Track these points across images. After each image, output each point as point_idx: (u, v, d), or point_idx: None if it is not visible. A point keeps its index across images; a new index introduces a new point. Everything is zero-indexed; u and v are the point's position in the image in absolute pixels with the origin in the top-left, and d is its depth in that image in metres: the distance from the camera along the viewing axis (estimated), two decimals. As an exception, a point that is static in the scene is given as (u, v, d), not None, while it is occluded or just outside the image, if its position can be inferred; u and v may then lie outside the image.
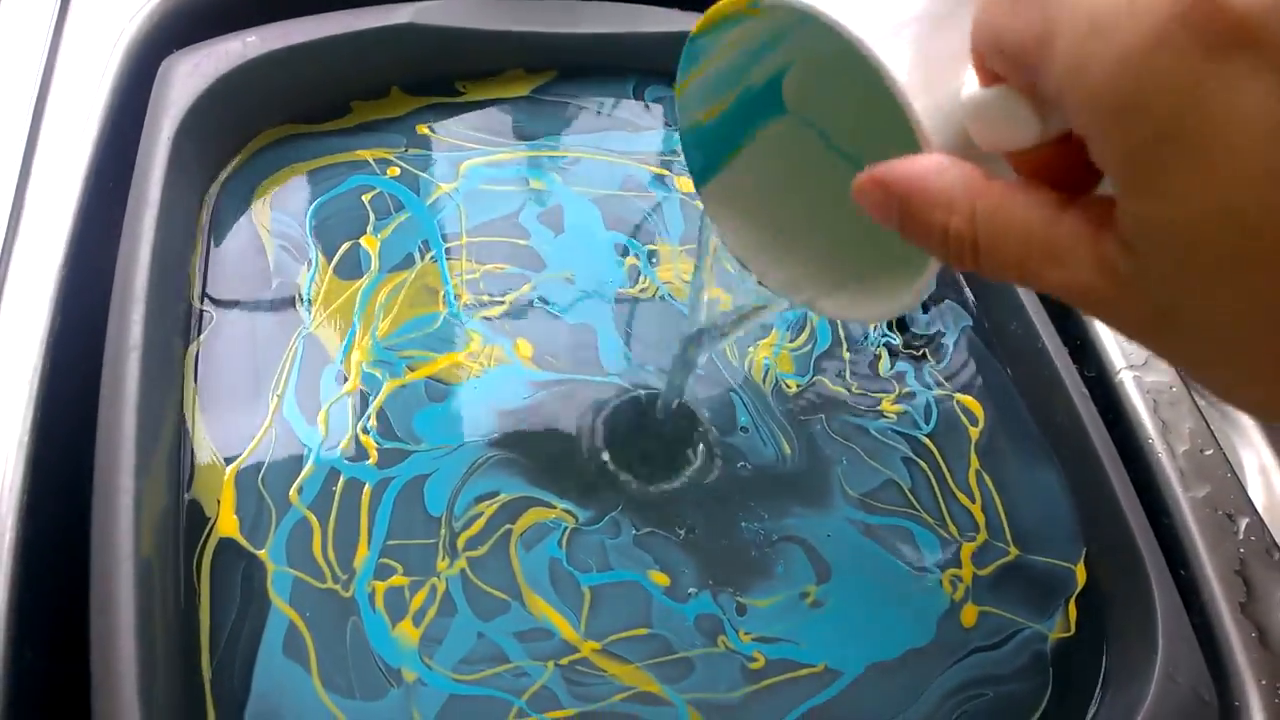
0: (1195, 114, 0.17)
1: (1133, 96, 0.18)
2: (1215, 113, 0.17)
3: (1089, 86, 0.18)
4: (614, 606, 0.40)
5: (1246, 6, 0.17)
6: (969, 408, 0.50)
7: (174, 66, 0.46)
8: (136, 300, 0.39)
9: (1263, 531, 0.46)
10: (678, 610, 0.41)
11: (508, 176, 0.51)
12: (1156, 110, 0.18)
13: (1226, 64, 0.17)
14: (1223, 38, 0.17)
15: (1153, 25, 0.17)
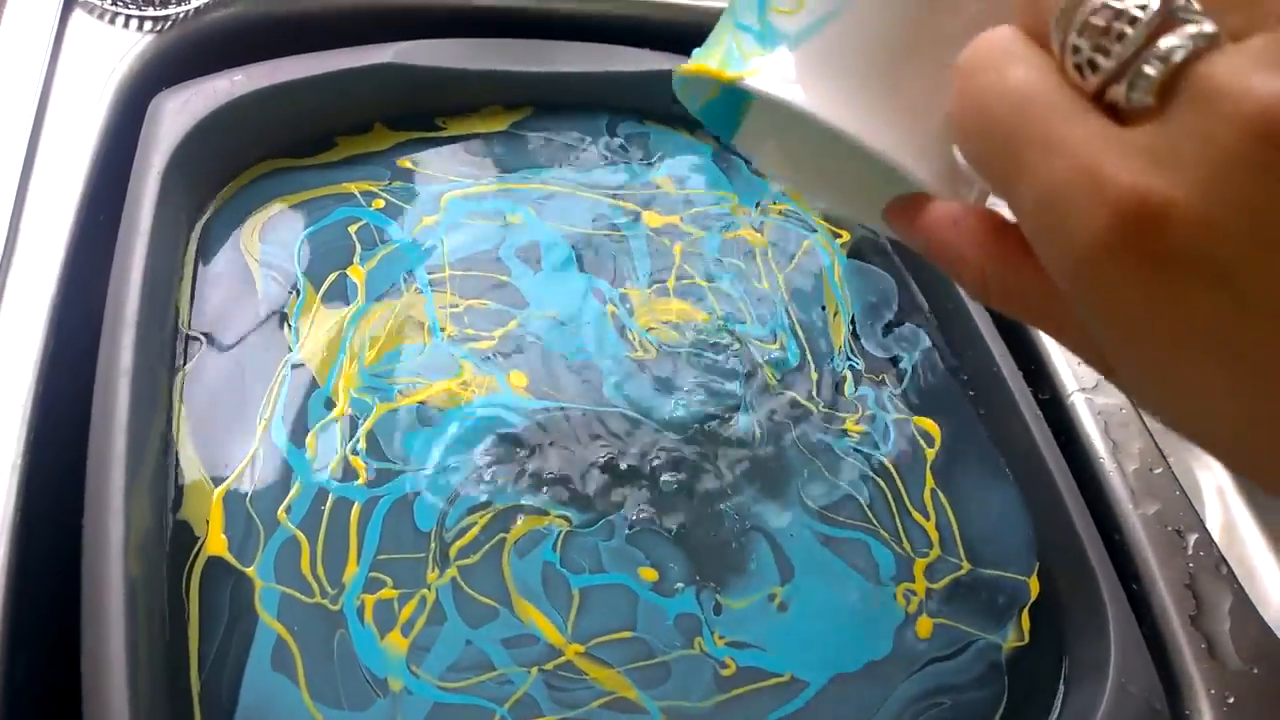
0: (1152, 321, 0.19)
1: (1089, 294, 0.19)
2: (1171, 320, 0.19)
3: (1052, 258, 0.20)
4: (602, 608, 0.42)
5: (1186, 224, 0.18)
6: (927, 430, 0.52)
7: (164, 103, 0.48)
8: (127, 327, 0.41)
9: (1211, 547, 0.49)
10: (661, 608, 0.43)
11: (487, 210, 0.53)
12: (1116, 313, 0.19)
13: (1173, 280, 0.18)
14: (1167, 254, 0.18)
15: (1094, 237, 0.19)
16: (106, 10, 0.53)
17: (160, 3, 0.54)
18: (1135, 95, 0.19)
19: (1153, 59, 0.18)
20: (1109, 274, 0.19)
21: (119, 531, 0.36)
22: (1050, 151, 0.19)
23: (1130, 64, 0.19)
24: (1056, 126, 0.19)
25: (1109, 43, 0.19)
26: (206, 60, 0.51)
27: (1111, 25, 0.19)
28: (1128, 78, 0.19)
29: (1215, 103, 0.17)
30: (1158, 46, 0.18)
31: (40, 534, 0.39)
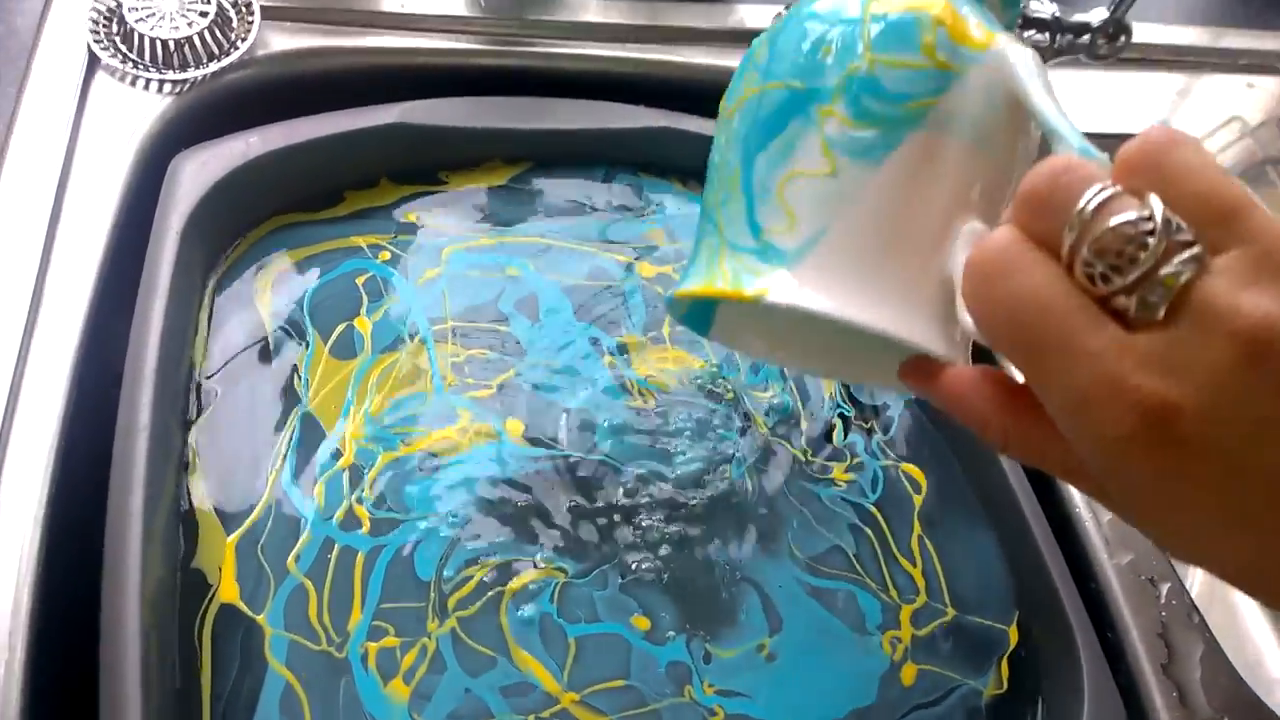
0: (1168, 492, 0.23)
1: (1115, 473, 0.24)
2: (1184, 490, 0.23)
3: (1081, 445, 0.24)
4: (596, 656, 0.44)
5: (1196, 420, 0.22)
6: (913, 476, 0.54)
7: (183, 164, 0.50)
8: (145, 383, 0.43)
9: (1183, 596, 0.51)
10: (653, 656, 0.44)
11: (487, 263, 0.55)
12: (1136, 486, 0.23)
13: (1186, 461, 0.22)
14: (1181, 442, 0.22)
15: (1120, 433, 0.22)
16: (128, 74, 0.55)
17: (179, 66, 0.56)
18: (1144, 311, 0.22)
19: (1160, 283, 0.22)
20: (1133, 460, 0.23)
21: (135, 582, 0.38)
22: (1074, 359, 0.23)
23: (1140, 283, 0.22)
24: (1076, 335, 0.23)
25: (1122, 263, 0.22)
26: (223, 121, 0.54)
27: (1124, 249, 0.22)
28: (1138, 294, 0.22)
29: (1212, 320, 0.21)
30: (1163, 271, 0.22)
31: (61, 583, 0.41)
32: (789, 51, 0.31)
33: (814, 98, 0.30)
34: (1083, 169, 0.23)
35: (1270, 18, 0.90)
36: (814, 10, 0.31)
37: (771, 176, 0.31)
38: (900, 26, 0.30)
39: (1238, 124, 0.84)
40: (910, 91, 0.29)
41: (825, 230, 0.30)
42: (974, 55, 0.29)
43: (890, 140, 0.29)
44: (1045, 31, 0.64)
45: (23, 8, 0.59)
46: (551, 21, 0.67)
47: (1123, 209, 0.22)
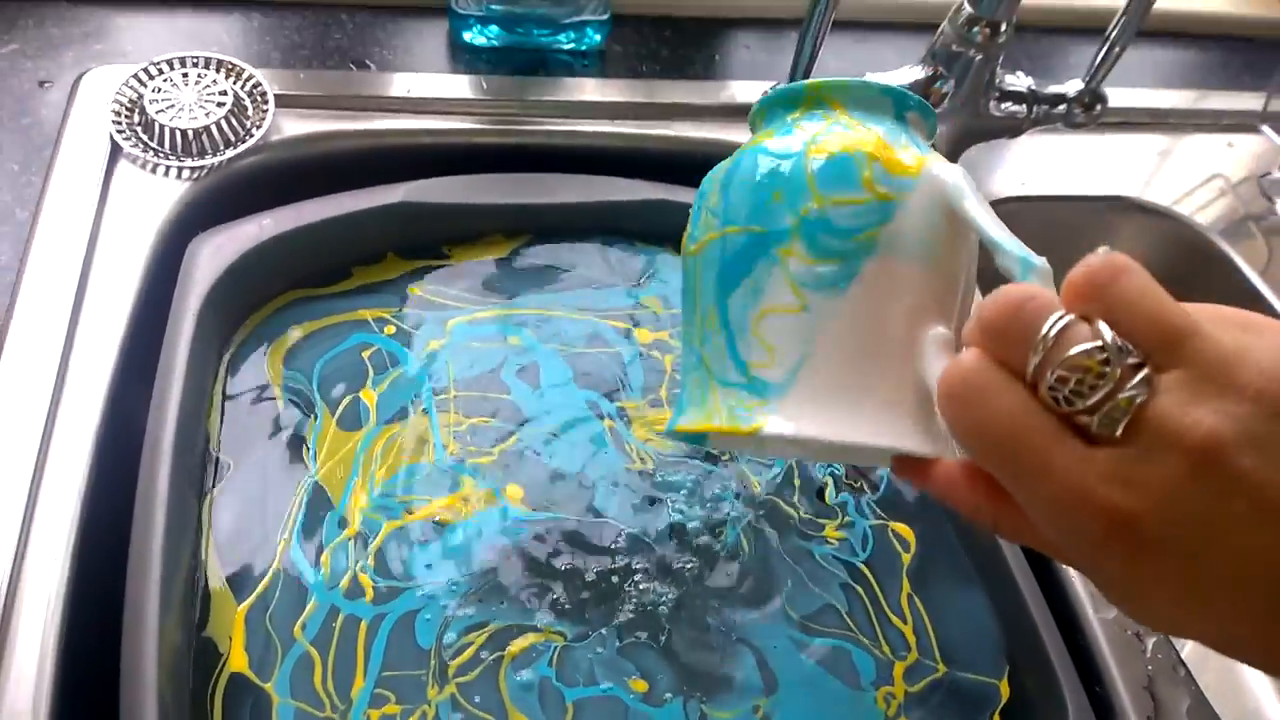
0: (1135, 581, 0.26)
1: (1091, 568, 0.27)
2: (1147, 579, 0.26)
3: (1059, 545, 0.28)
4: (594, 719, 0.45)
5: (1156, 524, 0.24)
6: (902, 535, 0.55)
7: (200, 247, 0.53)
8: (163, 458, 0.45)
9: (1169, 649, 0.52)
10: (652, 717, 0.46)
11: (489, 334, 0.58)
12: (1109, 577, 0.27)
13: (1151, 557, 0.25)
14: (1145, 543, 0.25)
15: (1092, 538, 0.26)
16: (149, 161, 0.58)
17: (198, 154, 0.59)
18: (1105, 428, 0.25)
19: (1118, 405, 0.25)
20: (1103, 558, 0.26)
21: (153, 653, 0.40)
22: (1044, 474, 0.26)
23: (1100, 406, 0.25)
24: (1044, 453, 0.26)
25: (1083, 388, 0.25)
26: (238, 203, 0.57)
27: (1084, 376, 0.25)
28: (1098, 415, 0.25)
29: (1163, 437, 0.24)
30: (1119, 396, 0.25)
31: (82, 651, 0.43)
32: (743, 197, 0.34)
33: (774, 240, 0.33)
34: (1038, 300, 0.26)
35: (1247, 79, 0.93)
36: (760, 157, 0.34)
37: (746, 315, 0.34)
38: (840, 166, 0.33)
39: (1219, 181, 0.86)
40: (859, 224, 0.32)
41: (804, 360, 0.32)
42: (908, 182, 0.33)
43: (849, 270, 0.32)
44: (1021, 104, 0.67)
45: (48, 99, 0.62)
46: (550, 101, 0.70)
47: (1079, 338, 0.25)
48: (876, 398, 0.32)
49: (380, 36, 0.72)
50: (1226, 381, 0.24)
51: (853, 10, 0.82)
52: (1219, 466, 0.24)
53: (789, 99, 0.36)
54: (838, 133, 0.34)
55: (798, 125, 0.35)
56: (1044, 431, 0.26)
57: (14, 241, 0.54)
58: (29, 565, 0.44)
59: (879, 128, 0.34)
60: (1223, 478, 0.24)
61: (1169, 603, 0.26)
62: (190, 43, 0.68)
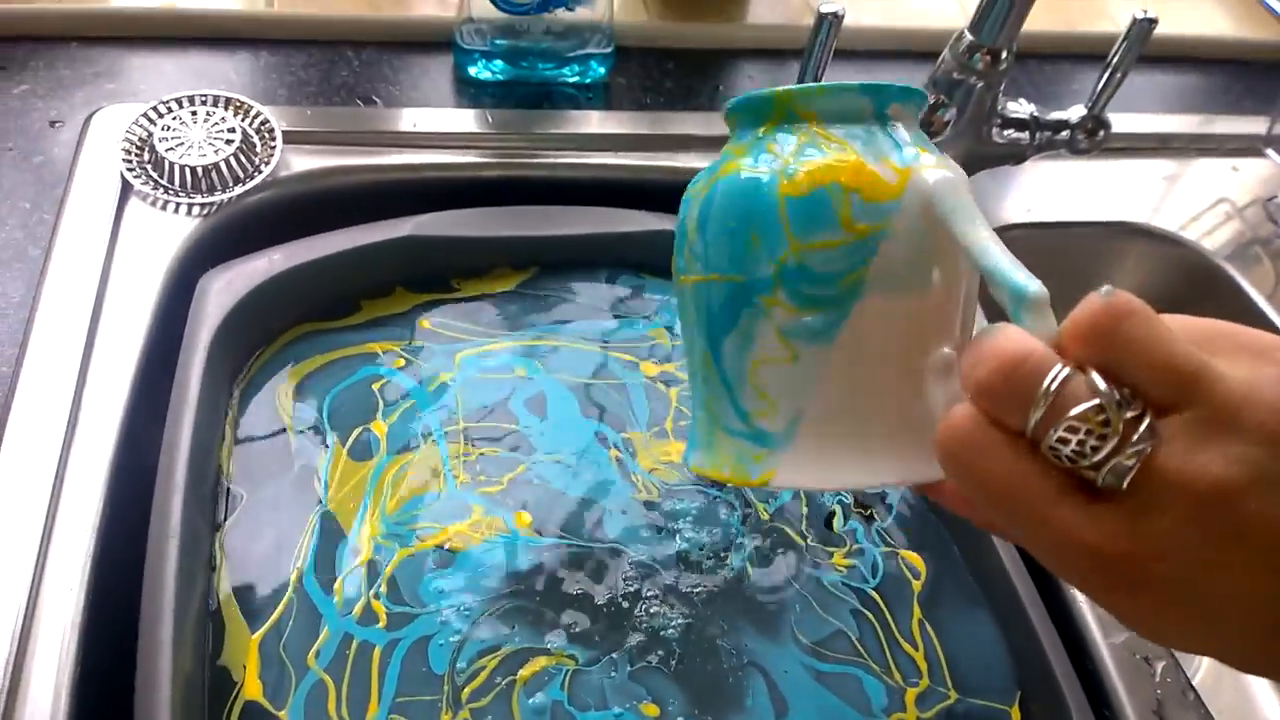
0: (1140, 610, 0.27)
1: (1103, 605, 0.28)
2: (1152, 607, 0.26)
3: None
4: (605, 747, 0.46)
5: (1163, 564, 0.25)
6: (912, 562, 0.55)
7: (210, 283, 0.54)
8: (176, 491, 0.46)
9: (1178, 674, 0.52)
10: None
11: (498, 365, 0.58)
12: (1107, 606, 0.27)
13: (1162, 596, 0.25)
14: (1150, 583, 0.25)
15: (1091, 585, 0.27)
16: (159, 198, 0.59)
17: (207, 190, 0.60)
18: (1110, 484, 0.25)
19: (1123, 463, 0.25)
20: (1108, 599, 0.27)
21: (166, 682, 0.40)
22: (1043, 529, 0.26)
23: (1104, 464, 0.25)
24: (1043, 510, 0.26)
25: (1084, 449, 0.25)
26: (248, 238, 0.57)
27: (1086, 438, 0.25)
28: (1102, 473, 0.25)
29: (1167, 488, 0.24)
30: (1125, 454, 0.24)
31: (97, 681, 0.44)
32: (720, 242, 0.32)
33: (756, 289, 0.31)
34: (1034, 358, 0.25)
35: (1251, 103, 0.93)
36: (733, 194, 0.32)
37: (740, 364, 0.32)
38: (814, 206, 0.30)
39: (1225, 206, 0.87)
40: (841, 269, 0.30)
41: (804, 411, 0.31)
42: (892, 206, 0.30)
43: (837, 317, 0.30)
44: (1024, 130, 0.67)
45: (59, 139, 0.63)
46: (556, 134, 0.71)
47: (1078, 397, 0.25)
48: (881, 437, 0.31)
49: (386, 72, 0.73)
50: (1234, 423, 0.24)
51: (854, 39, 0.83)
52: (1227, 511, 0.24)
53: (758, 110, 0.34)
54: (810, 158, 0.31)
55: (769, 144, 0.32)
56: (1043, 490, 0.26)
57: (27, 279, 0.55)
58: (44, 596, 0.44)
59: (857, 140, 0.32)
60: (1231, 522, 0.24)
61: (1177, 629, 0.26)
62: (199, 81, 0.69)
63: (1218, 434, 0.24)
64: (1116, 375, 0.25)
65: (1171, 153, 0.88)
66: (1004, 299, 0.28)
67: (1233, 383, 0.25)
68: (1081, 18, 0.95)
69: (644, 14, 0.82)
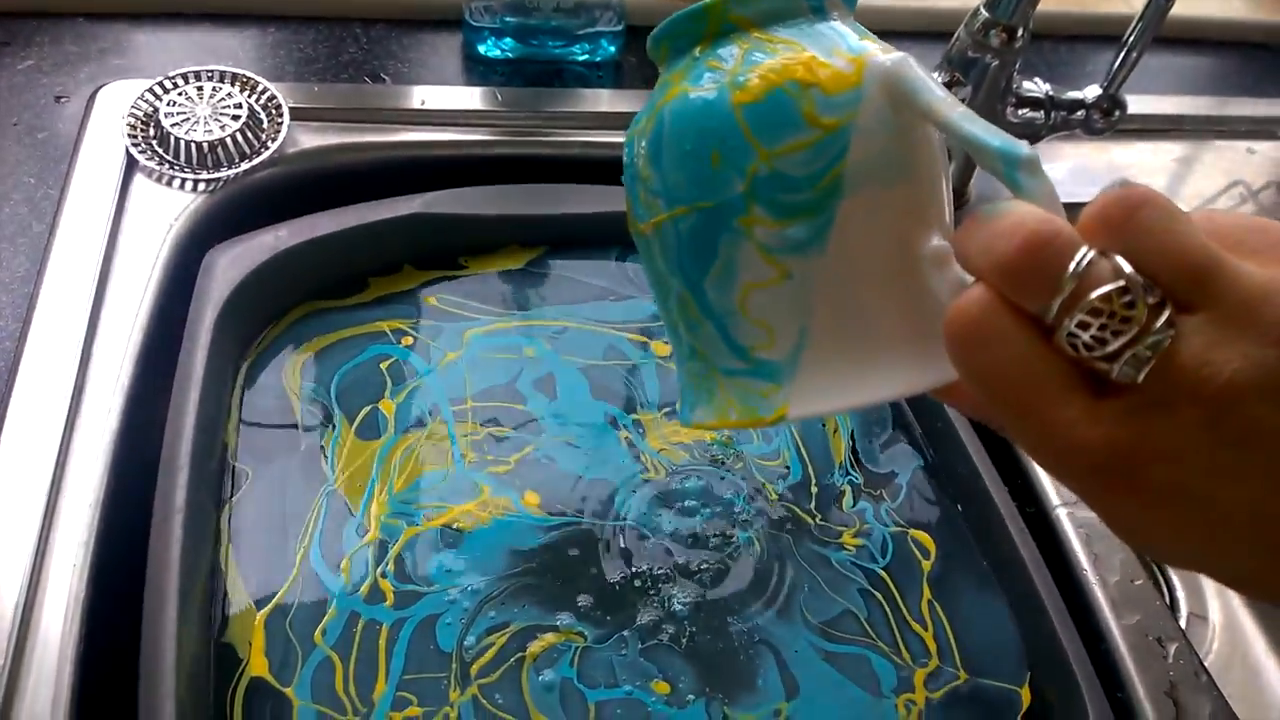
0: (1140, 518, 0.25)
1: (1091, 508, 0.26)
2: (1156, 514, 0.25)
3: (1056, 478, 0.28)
4: (616, 723, 0.45)
5: (1163, 463, 0.24)
6: (922, 542, 0.55)
7: (216, 259, 0.53)
8: (181, 468, 0.45)
9: (1190, 655, 0.51)
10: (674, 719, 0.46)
11: (506, 345, 0.58)
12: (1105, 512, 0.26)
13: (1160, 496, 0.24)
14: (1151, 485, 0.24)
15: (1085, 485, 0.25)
16: (164, 174, 0.59)
17: (213, 166, 0.60)
18: (1125, 376, 0.24)
19: (1141, 353, 0.23)
20: (1104, 504, 0.25)
21: (171, 659, 0.40)
22: (1047, 426, 0.25)
23: (1121, 353, 0.23)
24: (1049, 407, 0.24)
25: (1105, 335, 0.23)
26: (254, 215, 0.57)
27: (1107, 322, 0.23)
28: (1119, 363, 0.24)
29: (1181, 385, 0.23)
30: (1144, 342, 0.23)
31: (100, 660, 0.43)
32: (679, 170, 0.30)
33: (729, 212, 0.29)
34: (1057, 241, 0.24)
35: (1268, 85, 0.92)
36: (681, 117, 0.30)
37: (727, 297, 0.30)
38: (774, 107, 0.28)
39: (1240, 188, 0.86)
40: (817, 169, 0.28)
41: (806, 331, 0.29)
42: (855, 95, 0.28)
43: (823, 222, 0.28)
44: (1039, 110, 0.67)
45: (64, 114, 0.63)
46: (565, 112, 0.70)
47: (1102, 279, 0.23)
48: (890, 343, 0.29)
49: (395, 50, 0.73)
50: (1251, 323, 0.23)
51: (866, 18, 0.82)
52: (1238, 416, 0.23)
53: (690, 29, 0.31)
54: (757, 62, 0.29)
55: (710, 61, 0.30)
56: (1048, 382, 0.24)
57: (31, 254, 0.55)
58: (48, 573, 0.44)
59: (802, 37, 0.30)
60: (1240, 427, 0.23)
61: (1171, 538, 0.25)
62: (205, 57, 0.68)
63: (1234, 333, 0.23)
64: (1135, 266, 0.24)
65: (1187, 134, 0.87)
66: (992, 165, 0.26)
67: (1253, 280, 0.23)
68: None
69: (654, -8, 0.81)
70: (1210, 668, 0.51)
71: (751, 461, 0.56)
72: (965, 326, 0.25)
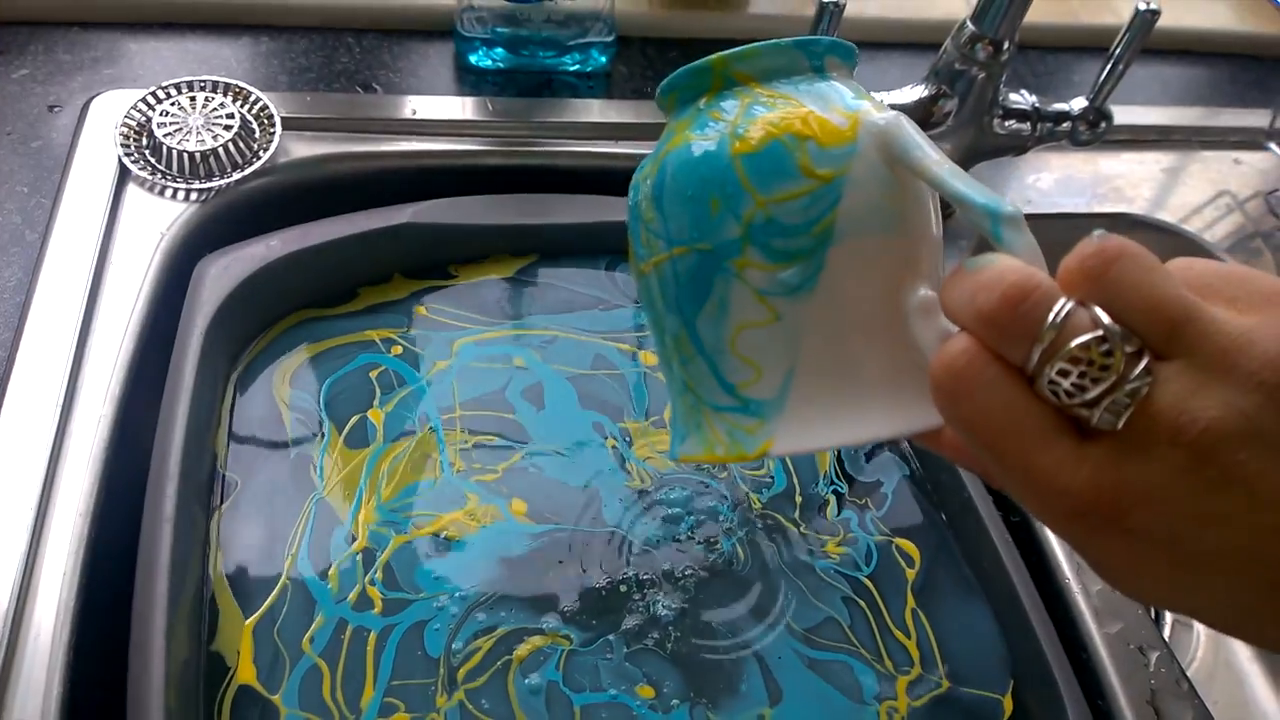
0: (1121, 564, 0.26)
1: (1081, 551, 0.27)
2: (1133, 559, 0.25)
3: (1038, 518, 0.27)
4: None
5: (1148, 509, 0.24)
6: (906, 551, 0.55)
7: (207, 268, 0.54)
8: (171, 477, 0.46)
9: (1172, 664, 0.52)
10: (658, 724, 0.46)
11: (495, 354, 0.58)
12: (1096, 566, 0.27)
13: (1138, 541, 0.25)
14: (1134, 530, 0.25)
15: (1073, 533, 0.26)
16: (157, 183, 0.59)
17: (205, 176, 0.60)
18: (1105, 424, 0.24)
19: (1120, 399, 0.24)
20: (1090, 547, 0.26)
21: (160, 667, 0.40)
22: (1033, 472, 0.25)
23: (1101, 400, 0.24)
24: (1034, 452, 0.25)
25: (1085, 382, 0.24)
26: (245, 224, 0.57)
27: (1086, 371, 0.24)
28: (1099, 409, 0.24)
29: (1161, 430, 0.24)
30: (1123, 390, 0.24)
31: (89, 668, 0.44)
32: (680, 213, 0.31)
33: (725, 254, 0.30)
34: (1042, 289, 0.25)
35: (1254, 95, 0.93)
36: (685, 164, 0.31)
37: (719, 336, 0.31)
38: (771, 158, 0.30)
39: (1227, 199, 0.86)
40: (810, 217, 0.30)
41: (793, 371, 0.30)
42: (849, 150, 0.30)
43: (814, 267, 0.30)
44: (1026, 121, 0.67)
45: (57, 123, 0.63)
46: (556, 122, 0.71)
47: (1081, 328, 0.24)
48: (874, 386, 0.30)
49: (386, 59, 0.73)
50: (1228, 371, 0.23)
51: (855, 30, 0.83)
52: (1218, 461, 0.23)
53: (694, 82, 0.33)
54: (758, 115, 0.31)
55: (712, 112, 0.32)
56: (1033, 429, 0.25)
57: (23, 263, 0.55)
58: (38, 580, 0.44)
59: (800, 93, 0.31)
60: (1221, 472, 0.23)
61: (1160, 583, 0.25)
62: (198, 67, 0.69)
63: (1212, 381, 0.23)
64: (1112, 316, 0.25)
65: (1173, 145, 0.88)
66: (978, 221, 0.27)
67: (1229, 328, 0.24)
68: (1084, 9, 0.94)
69: (645, 3, 0.81)
70: (1194, 676, 0.52)
71: (736, 471, 0.57)
72: (950, 374, 0.26)
